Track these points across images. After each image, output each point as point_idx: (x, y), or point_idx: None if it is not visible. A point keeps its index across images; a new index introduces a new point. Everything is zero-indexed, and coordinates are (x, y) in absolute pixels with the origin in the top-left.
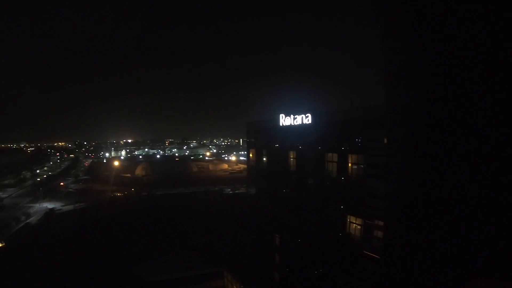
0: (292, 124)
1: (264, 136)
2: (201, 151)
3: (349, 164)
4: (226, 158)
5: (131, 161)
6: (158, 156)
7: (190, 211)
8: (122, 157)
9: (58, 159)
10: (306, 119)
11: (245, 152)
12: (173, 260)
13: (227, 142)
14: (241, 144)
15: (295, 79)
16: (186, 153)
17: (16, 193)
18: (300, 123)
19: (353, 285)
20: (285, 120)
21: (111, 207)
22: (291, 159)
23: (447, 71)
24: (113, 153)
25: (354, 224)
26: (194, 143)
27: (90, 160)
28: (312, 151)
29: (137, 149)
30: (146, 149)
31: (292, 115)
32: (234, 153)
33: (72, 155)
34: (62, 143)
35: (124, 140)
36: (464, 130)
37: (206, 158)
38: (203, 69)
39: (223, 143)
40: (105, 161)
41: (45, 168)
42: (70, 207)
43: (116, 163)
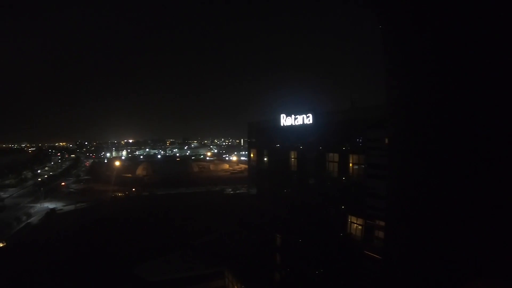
0: (293, 124)
1: (265, 136)
2: (202, 151)
3: (350, 164)
4: (227, 158)
5: (132, 161)
6: (159, 156)
7: (191, 211)
8: (123, 157)
9: (59, 159)
10: (307, 119)
11: (246, 152)
12: (174, 260)
13: (228, 142)
14: (242, 144)
15: (296, 79)
16: (187, 153)
17: (17, 193)
18: (301, 123)
19: (354, 285)
20: (286, 120)
21: (112, 207)
22: (292, 159)
23: (447, 71)
24: (114, 153)
25: (355, 224)
26: (195, 143)
27: (91, 160)
28: (313, 151)
29: (138, 149)
30: (147, 149)
31: (293, 115)
32: (235, 153)
33: (73, 155)
34: (63, 143)
35: (125, 140)
36: (465, 130)
37: (207, 158)
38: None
39: (224, 143)
40: (106, 161)
41: (46, 168)
42: (71, 207)
43: (117, 163)
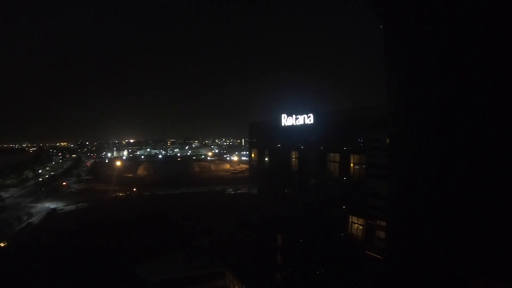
0: (294, 124)
1: (266, 136)
2: (203, 151)
3: (351, 164)
4: (228, 158)
5: (133, 161)
6: (160, 156)
7: (192, 211)
8: (124, 157)
9: (60, 159)
10: (308, 119)
11: (247, 152)
12: (175, 260)
13: (229, 142)
14: (243, 144)
15: (297, 79)
16: (188, 153)
17: (18, 193)
18: (302, 123)
19: (355, 285)
20: (287, 120)
21: (113, 207)
22: (293, 159)
23: (449, 72)
24: (115, 153)
25: (356, 224)
26: (196, 143)
27: (92, 160)
28: (314, 151)
29: (139, 149)
30: (148, 149)
31: (294, 115)
32: (236, 153)
33: (74, 155)
34: (64, 143)
35: (126, 140)
36: (466, 130)
37: (208, 158)
38: (205, 69)
39: (225, 143)
40: (107, 161)
41: (47, 168)
42: (72, 207)
43: (118, 163)
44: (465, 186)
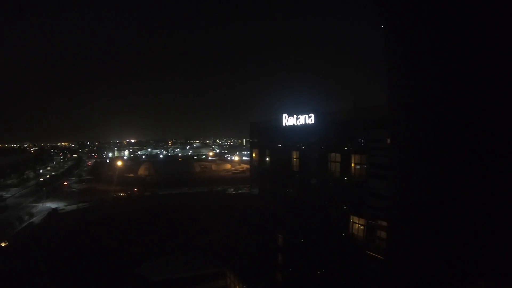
0: (295, 124)
1: (267, 136)
2: (204, 151)
3: (352, 164)
4: (229, 158)
5: (134, 161)
6: (161, 156)
7: (193, 211)
8: (125, 157)
9: (61, 159)
10: (309, 119)
11: (248, 152)
12: (176, 260)
13: (230, 142)
14: (244, 144)
15: (298, 79)
16: (189, 153)
17: (20, 192)
18: (303, 123)
19: (355, 285)
20: (288, 120)
21: (114, 207)
22: (294, 159)
23: (450, 71)
24: (116, 153)
25: (357, 224)
26: (197, 143)
27: (93, 160)
28: (315, 151)
29: (140, 149)
30: (149, 149)
31: (295, 115)
32: (237, 153)
33: (75, 155)
34: (65, 143)
35: (127, 140)
36: (467, 130)
37: (209, 158)
38: (206, 69)
39: (226, 143)
40: (108, 161)
41: (48, 168)
42: (73, 207)
43: (119, 163)
44: (466, 186)
